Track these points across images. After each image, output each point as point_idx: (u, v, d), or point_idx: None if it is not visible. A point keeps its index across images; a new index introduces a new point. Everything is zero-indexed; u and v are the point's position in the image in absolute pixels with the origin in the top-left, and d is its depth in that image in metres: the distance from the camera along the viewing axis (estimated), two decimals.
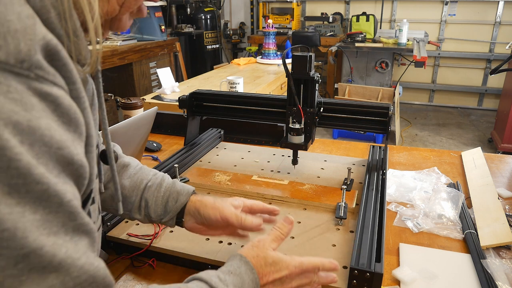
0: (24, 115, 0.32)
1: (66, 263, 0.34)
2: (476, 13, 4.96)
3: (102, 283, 0.37)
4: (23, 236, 0.31)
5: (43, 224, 0.33)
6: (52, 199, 0.34)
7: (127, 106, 1.54)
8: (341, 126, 1.13)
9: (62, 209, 0.35)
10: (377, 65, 4.23)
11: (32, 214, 0.32)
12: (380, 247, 0.75)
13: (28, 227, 0.31)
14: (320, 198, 0.99)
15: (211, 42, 5.34)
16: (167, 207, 0.71)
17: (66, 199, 0.35)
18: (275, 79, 2.79)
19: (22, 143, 0.32)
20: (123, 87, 3.75)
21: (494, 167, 1.26)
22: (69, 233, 0.35)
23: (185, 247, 0.80)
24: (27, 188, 0.32)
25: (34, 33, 0.34)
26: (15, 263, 0.31)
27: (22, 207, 0.31)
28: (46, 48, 0.35)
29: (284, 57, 0.99)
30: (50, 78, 0.35)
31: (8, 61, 0.32)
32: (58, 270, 0.33)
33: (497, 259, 0.81)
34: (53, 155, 0.35)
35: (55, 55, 0.36)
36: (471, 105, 5.31)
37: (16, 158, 0.31)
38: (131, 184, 0.72)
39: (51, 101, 0.35)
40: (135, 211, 0.72)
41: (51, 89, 0.35)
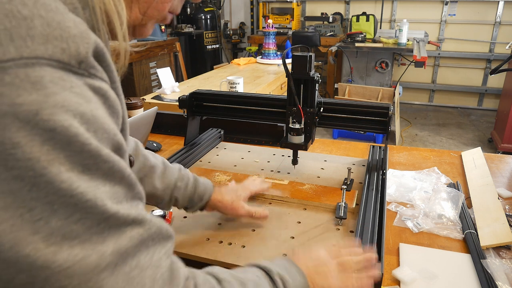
0: (86, 106, 0.37)
1: (138, 219, 0.41)
2: (476, 13, 4.96)
3: (166, 233, 0.45)
4: (102, 204, 0.37)
5: (113, 194, 0.39)
6: (116, 174, 0.40)
7: (127, 106, 1.54)
8: (341, 126, 1.13)
9: (124, 181, 0.41)
10: (377, 65, 4.23)
11: (103, 187, 0.38)
12: (380, 247, 0.75)
13: (104, 197, 0.38)
14: (320, 198, 0.99)
15: (211, 42, 5.34)
16: (192, 202, 0.84)
17: (127, 173, 0.41)
18: (275, 79, 2.79)
19: (88, 130, 0.37)
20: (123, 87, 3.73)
21: (494, 167, 1.26)
22: (129, 200, 0.42)
23: (185, 247, 0.81)
24: (97, 166, 0.38)
25: (89, 37, 0.39)
26: (98, 223, 0.37)
27: (94, 181, 0.37)
28: (96, 50, 0.40)
29: (284, 57, 0.99)
30: (99, 75, 0.40)
31: (70, 62, 0.37)
32: (133, 224, 0.40)
33: (497, 259, 0.81)
34: (111, 140, 0.40)
35: (102, 56, 0.41)
36: (471, 105, 5.31)
37: (87, 142, 0.36)
38: (163, 186, 0.81)
39: (102, 95, 0.40)
40: (164, 205, 0.83)
41: (101, 84, 0.40)
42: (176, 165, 0.87)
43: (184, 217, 0.92)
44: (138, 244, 0.41)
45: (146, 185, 0.79)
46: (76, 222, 0.36)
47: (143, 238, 0.41)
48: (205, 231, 0.86)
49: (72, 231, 0.36)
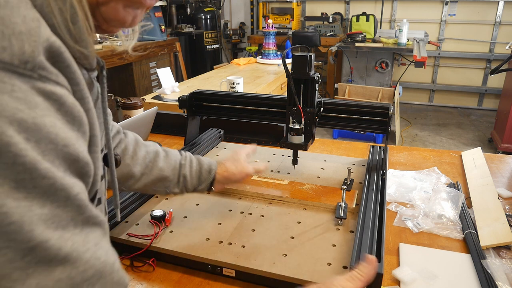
0: (28, 113, 0.33)
1: (72, 256, 0.34)
2: (476, 13, 4.96)
3: (110, 279, 0.37)
4: (29, 230, 0.32)
5: (51, 218, 0.34)
6: (59, 193, 0.34)
7: (127, 106, 1.54)
8: (341, 126, 1.13)
9: (70, 202, 0.35)
10: (377, 65, 4.23)
11: (40, 208, 0.33)
12: (380, 247, 0.75)
13: (34, 221, 0.32)
14: (320, 198, 0.99)
15: (211, 42, 5.34)
16: (201, 177, 0.85)
17: (73, 192, 0.36)
18: (275, 79, 2.79)
19: (28, 140, 0.33)
20: (123, 87, 3.75)
21: (494, 167, 1.26)
22: (78, 226, 0.36)
23: (185, 247, 0.80)
24: (34, 183, 0.33)
25: (39, 35, 0.35)
26: (23, 255, 0.31)
27: (29, 201, 0.32)
28: (50, 49, 0.36)
29: (284, 57, 0.99)
30: (53, 78, 0.36)
31: (13, 62, 0.33)
32: (64, 263, 0.34)
33: (497, 259, 0.81)
34: (59, 152, 0.35)
35: (59, 56, 0.37)
36: (471, 105, 5.31)
37: (21, 154, 0.32)
38: (169, 166, 0.83)
39: (54, 100, 0.36)
40: (173, 187, 0.84)
41: (55, 88, 0.36)
42: (173, 150, 0.89)
43: (184, 217, 0.92)
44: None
45: (153, 170, 0.82)
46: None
47: (74, 283, 0.34)
48: (205, 231, 0.86)
49: None
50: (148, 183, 0.83)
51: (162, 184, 0.83)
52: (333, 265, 0.75)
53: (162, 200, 1.00)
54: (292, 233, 0.85)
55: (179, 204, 0.98)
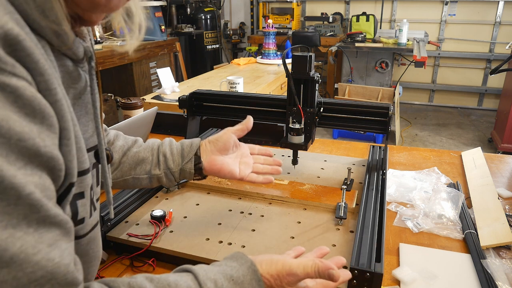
0: None
1: (19, 258, 0.33)
2: (476, 13, 4.96)
3: (63, 280, 0.36)
4: None
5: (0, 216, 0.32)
6: (9, 191, 0.33)
7: (127, 106, 1.54)
8: (341, 126, 1.13)
9: (22, 201, 0.33)
10: (377, 65, 4.23)
11: None
12: (380, 247, 0.75)
13: None
14: (320, 198, 0.99)
15: (211, 42, 5.34)
16: (183, 153, 0.79)
17: (25, 192, 0.34)
18: (275, 79, 2.79)
19: None
20: (123, 87, 3.75)
21: (494, 167, 1.26)
22: (32, 225, 0.34)
23: (185, 247, 0.80)
24: None
25: None
26: None
27: None
28: (5, 38, 0.34)
29: (284, 57, 0.99)
30: (8, 69, 0.34)
31: None
32: (10, 265, 0.32)
33: (497, 259, 0.81)
34: (13, 146, 0.33)
35: (17, 45, 0.35)
36: (471, 105, 5.31)
37: None
38: (145, 147, 0.80)
39: (10, 92, 0.34)
40: (154, 167, 0.79)
41: (10, 80, 0.34)
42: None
43: (184, 217, 0.92)
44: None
45: (129, 155, 0.80)
46: None
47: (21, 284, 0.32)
48: (205, 231, 0.86)
49: None
50: (126, 169, 0.80)
51: (140, 168, 0.79)
52: None
53: (162, 200, 1.00)
54: (292, 233, 0.85)
55: (179, 204, 0.98)
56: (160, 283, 0.47)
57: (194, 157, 0.79)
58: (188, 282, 0.50)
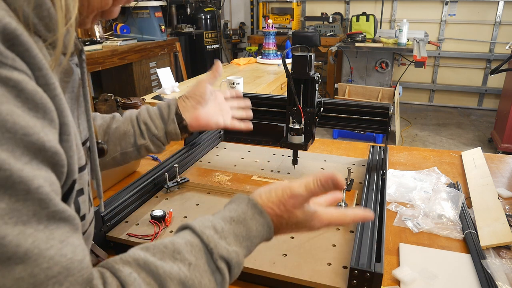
0: None
1: (33, 253, 0.32)
2: (476, 13, 4.96)
3: (80, 276, 0.35)
4: None
5: (10, 213, 0.31)
6: (17, 186, 0.32)
7: (127, 106, 1.54)
8: (341, 126, 1.13)
9: (31, 196, 0.33)
10: (377, 65, 4.23)
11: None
12: (380, 247, 0.75)
13: None
14: None
15: (211, 42, 5.34)
16: (163, 116, 0.80)
17: (34, 185, 0.33)
18: (275, 79, 2.79)
19: None
20: (123, 87, 3.75)
21: (494, 167, 1.26)
22: (42, 222, 0.33)
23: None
24: None
25: None
26: None
27: None
28: (4, 32, 0.34)
29: (284, 57, 0.99)
30: (9, 63, 0.33)
31: None
32: (25, 261, 0.31)
33: (497, 259, 0.81)
34: (19, 141, 0.33)
35: (15, 39, 0.34)
36: (471, 105, 5.31)
37: None
38: (124, 120, 0.80)
39: (12, 86, 0.33)
40: (138, 138, 0.79)
41: (11, 74, 0.33)
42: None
43: (184, 217, 0.92)
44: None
45: (111, 133, 0.79)
46: None
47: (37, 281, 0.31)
48: None
49: None
50: (112, 147, 0.79)
51: (125, 141, 0.79)
52: (333, 265, 0.75)
53: (162, 200, 1.00)
54: (292, 233, 0.85)
55: (179, 204, 0.98)
56: (156, 248, 0.44)
57: (175, 116, 0.80)
58: (186, 237, 0.47)
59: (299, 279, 0.72)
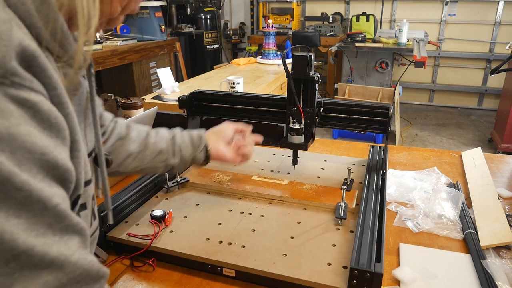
0: (2, 123, 0.32)
1: (59, 260, 0.35)
2: (476, 13, 4.96)
3: (96, 275, 0.39)
4: (11, 239, 0.31)
5: (30, 227, 0.33)
6: (35, 204, 0.34)
7: (127, 106, 1.54)
8: (341, 126, 1.13)
9: (47, 212, 0.35)
10: (377, 65, 4.23)
11: (16, 218, 0.32)
12: (380, 247, 0.75)
13: (15, 230, 0.32)
14: (320, 198, 0.99)
15: (211, 42, 5.34)
16: (194, 144, 0.88)
17: (52, 204, 0.35)
18: (275, 79, 2.79)
19: (2, 151, 0.31)
20: (123, 87, 3.75)
21: (494, 167, 1.26)
22: (57, 234, 0.36)
23: (185, 247, 0.80)
24: (7, 194, 0.32)
25: (10, 39, 0.33)
26: (6, 262, 0.31)
27: (5, 212, 0.31)
28: (23, 54, 0.35)
29: (284, 57, 0.99)
30: (27, 84, 0.35)
31: None
32: (51, 267, 0.34)
33: (497, 259, 0.81)
34: (37, 160, 0.34)
35: (33, 61, 0.36)
36: (471, 105, 5.31)
37: None
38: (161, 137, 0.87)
39: (29, 107, 0.34)
40: (171, 157, 0.86)
41: (29, 95, 0.34)
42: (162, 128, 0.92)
43: (184, 217, 0.92)
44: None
45: (148, 146, 0.84)
46: None
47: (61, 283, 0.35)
48: (205, 231, 0.86)
49: None
50: (145, 159, 0.84)
51: (159, 158, 0.85)
52: (333, 265, 0.75)
53: (162, 200, 1.00)
54: (292, 233, 0.85)
55: (179, 204, 0.98)
56: None
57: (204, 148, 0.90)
58: None
59: (299, 279, 0.72)
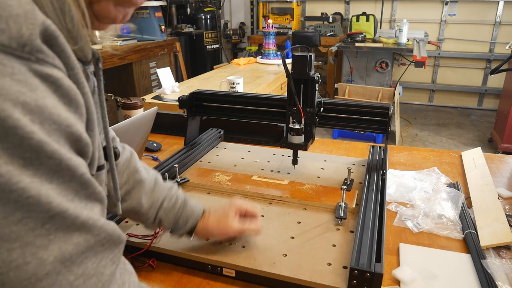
0: (30, 95, 0.34)
1: (88, 223, 0.38)
2: (476, 13, 4.96)
3: (118, 239, 0.42)
4: (47, 202, 0.34)
5: (62, 192, 0.36)
6: (65, 172, 0.36)
7: (127, 106, 1.54)
8: (341, 126, 1.13)
9: (75, 179, 0.38)
10: (377, 65, 4.23)
11: (49, 184, 0.35)
12: (380, 247, 0.75)
13: (50, 194, 0.35)
14: (320, 198, 0.99)
15: (211, 42, 5.34)
16: (177, 226, 0.78)
17: (79, 172, 0.38)
18: (275, 79, 2.79)
19: (33, 121, 0.34)
20: (123, 87, 3.75)
21: (494, 167, 1.26)
22: (83, 200, 0.39)
23: (185, 247, 0.80)
24: (40, 161, 0.34)
25: (35, 17, 0.35)
26: (42, 224, 0.34)
27: (39, 177, 0.34)
28: (45, 33, 0.36)
29: (284, 57, 0.99)
30: (50, 61, 0.37)
31: (11, 44, 0.33)
32: (81, 229, 0.37)
33: (497, 259, 0.81)
34: (63, 132, 0.37)
35: (54, 40, 0.37)
36: (471, 105, 5.31)
37: (27, 136, 0.33)
38: (149, 204, 0.77)
39: (52, 82, 0.36)
40: (149, 225, 0.79)
41: (52, 71, 0.37)
42: (168, 183, 0.82)
43: None
44: (85, 250, 0.37)
45: (132, 199, 0.76)
46: (17, 223, 0.32)
47: (89, 245, 0.38)
48: None
49: (12, 233, 0.32)
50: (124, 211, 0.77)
51: (137, 216, 0.78)
52: (333, 265, 0.75)
53: None
54: (292, 233, 0.85)
55: None
56: None
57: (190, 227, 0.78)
58: None
59: (299, 279, 0.72)
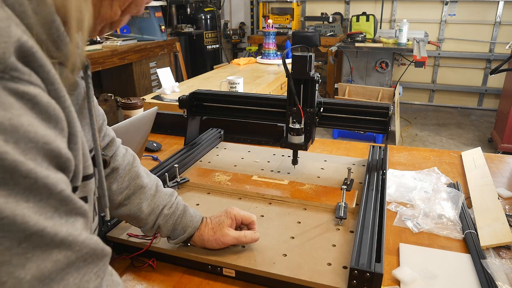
0: (4, 115, 0.33)
1: (68, 240, 0.37)
2: (476, 13, 4.96)
3: (101, 253, 0.41)
4: (23, 221, 0.33)
5: (39, 210, 0.35)
6: (42, 190, 0.35)
7: (127, 106, 1.54)
8: (341, 126, 1.13)
9: (53, 197, 0.37)
10: (377, 65, 4.23)
11: (25, 203, 0.34)
12: (380, 247, 0.75)
13: (26, 213, 0.34)
14: (320, 198, 0.99)
15: (211, 42, 5.34)
16: (175, 234, 0.79)
17: (57, 190, 0.37)
18: (275, 79, 2.79)
19: (6, 141, 0.33)
20: (123, 87, 3.75)
21: (494, 167, 1.26)
22: (63, 216, 0.38)
23: (185, 248, 0.80)
24: (15, 181, 0.33)
25: (9, 35, 0.35)
26: (19, 243, 0.33)
27: (14, 197, 0.33)
28: (21, 49, 0.36)
29: (284, 57, 0.99)
30: (26, 78, 0.36)
31: None
32: (60, 246, 0.36)
33: (497, 259, 0.81)
34: (40, 149, 0.36)
35: (31, 56, 0.37)
36: (471, 105, 5.31)
37: (1, 157, 0.32)
38: (149, 210, 0.78)
39: (28, 100, 0.36)
40: (147, 230, 0.79)
41: (28, 88, 0.36)
42: (168, 189, 0.82)
43: None
44: (65, 267, 0.36)
45: (132, 204, 0.77)
46: None
47: (70, 261, 0.37)
48: None
49: None
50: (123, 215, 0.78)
51: (136, 221, 0.79)
52: (333, 265, 0.75)
53: None
54: (292, 233, 0.85)
55: None
56: None
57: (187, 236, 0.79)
58: None
59: (299, 279, 0.72)
